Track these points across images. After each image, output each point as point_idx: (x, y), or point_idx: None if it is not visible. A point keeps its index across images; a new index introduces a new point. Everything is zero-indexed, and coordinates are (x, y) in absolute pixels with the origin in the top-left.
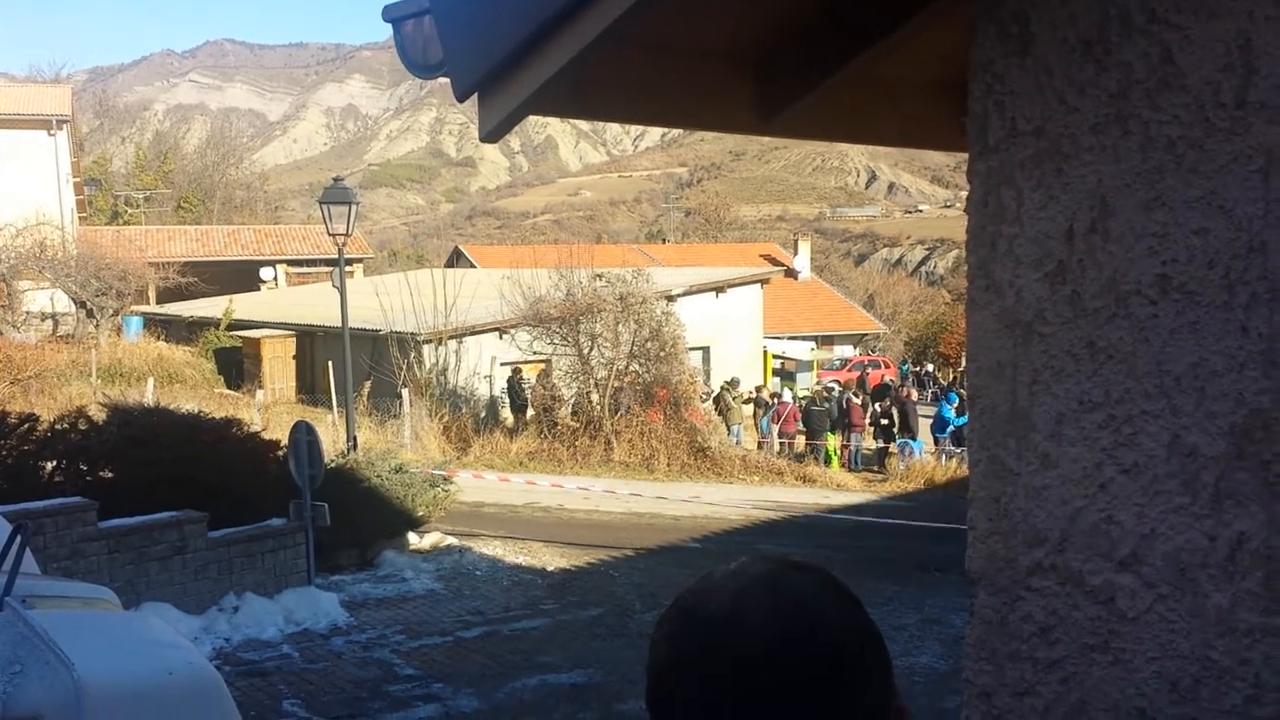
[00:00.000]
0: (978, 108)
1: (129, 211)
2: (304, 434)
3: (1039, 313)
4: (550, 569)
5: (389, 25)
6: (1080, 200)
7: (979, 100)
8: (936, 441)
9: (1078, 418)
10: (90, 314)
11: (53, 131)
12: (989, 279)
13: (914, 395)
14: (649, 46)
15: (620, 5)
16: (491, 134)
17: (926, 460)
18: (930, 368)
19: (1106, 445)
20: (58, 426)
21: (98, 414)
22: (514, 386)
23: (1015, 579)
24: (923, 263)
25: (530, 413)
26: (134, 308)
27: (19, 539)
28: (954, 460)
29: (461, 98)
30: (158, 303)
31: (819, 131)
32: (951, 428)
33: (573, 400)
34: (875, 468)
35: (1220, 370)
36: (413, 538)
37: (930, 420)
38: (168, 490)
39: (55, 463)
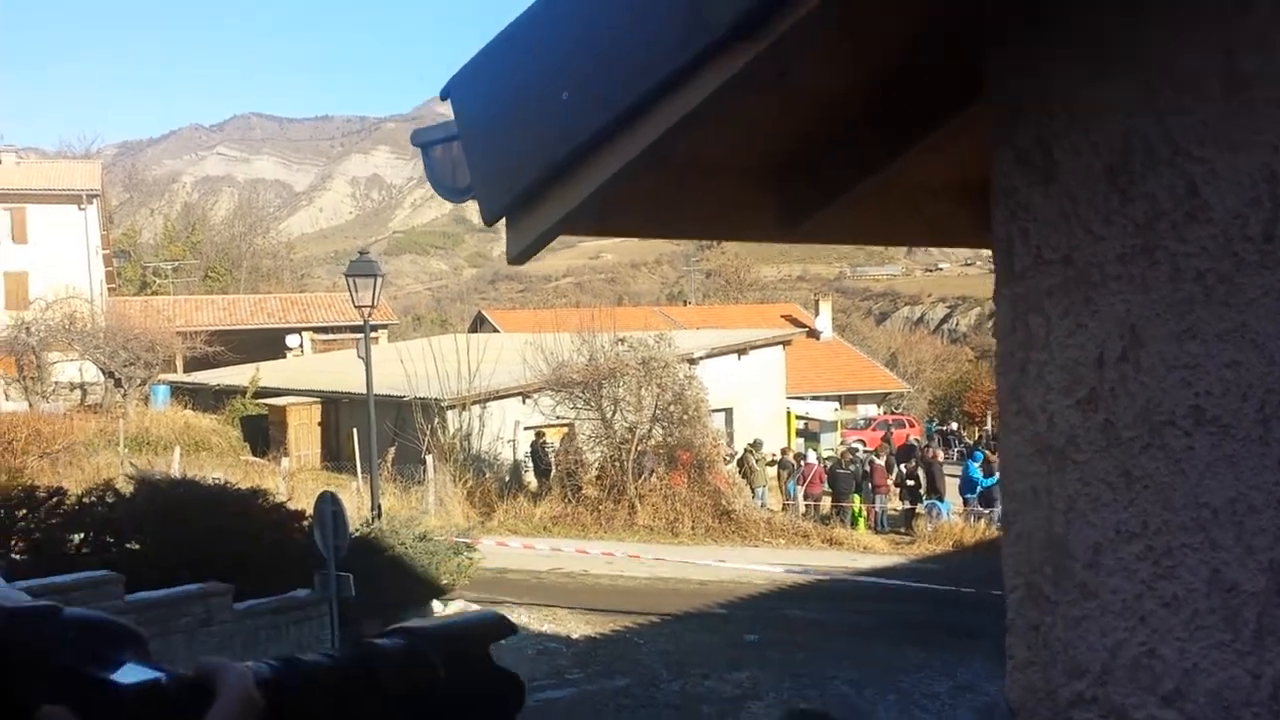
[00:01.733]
0: (1001, 233)
1: (157, 282)
2: (329, 505)
3: (1072, 439)
4: (575, 637)
5: (419, 149)
6: (1110, 329)
7: (1002, 225)
8: (965, 502)
9: (1115, 547)
10: (118, 384)
11: (83, 206)
12: (1020, 404)
13: (940, 455)
14: (671, 164)
15: (651, 134)
16: (519, 257)
17: (954, 522)
18: (955, 426)
19: (1146, 577)
20: (85, 499)
21: (125, 486)
22: (537, 451)
23: (1056, 711)
24: (944, 320)
25: (554, 476)
26: (161, 377)
27: None
28: (982, 521)
29: (489, 222)
30: (185, 371)
31: (843, 236)
32: (980, 488)
33: (596, 464)
34: (902, 529)
35: (1259, 506)
36: (437, 606)
37: (957, 480)
38: (194, 561)
39: (83, 535)
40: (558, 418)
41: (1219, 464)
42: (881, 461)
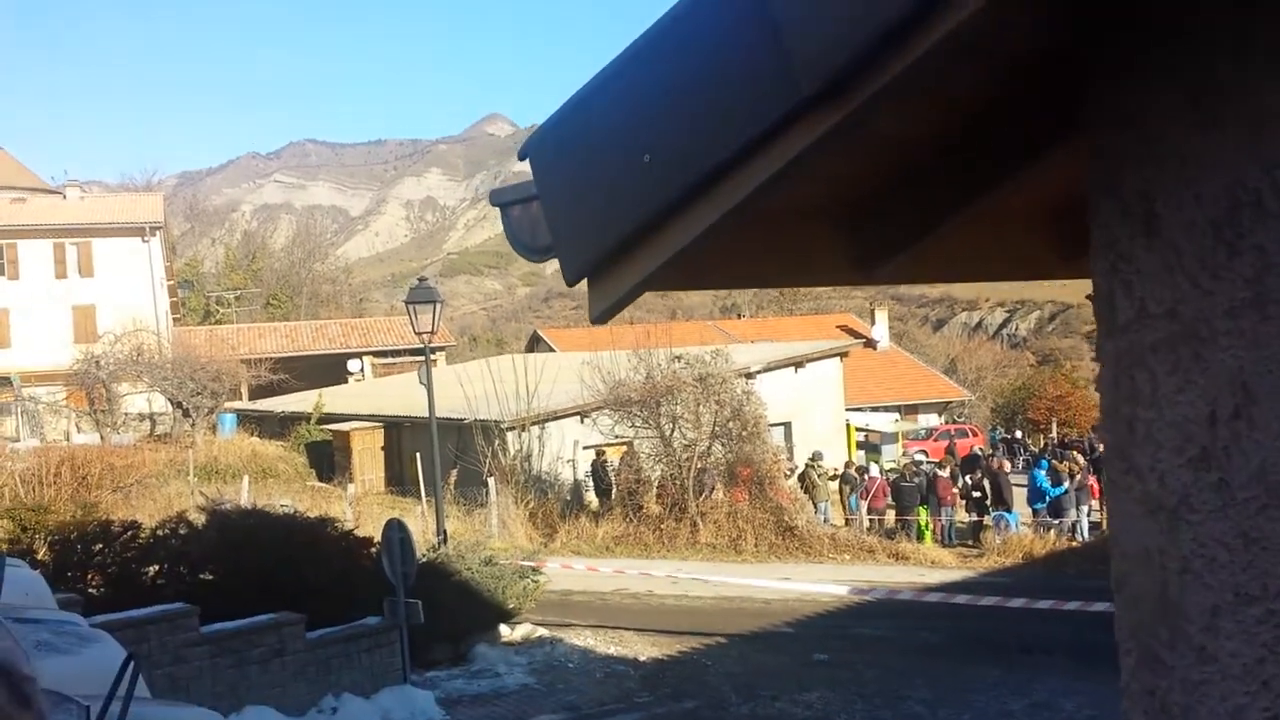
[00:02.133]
0: (1103, 285)
1: (220, 311)
2: (396, 532)
3: (1184, 500)
4: (642, 659)
5: (497, 209)
6: (1221, 386)
7: (1104, 278)
8: (1034, 513)
9: (1234, 611)
10: (186, 413)
11: (147, 238)
12: (1128, 463)
13: (1006, 465)
14: (750, 218)
15: (735, 196)
16: (601, 317)
17: (1023, 533)
18: (1020, 434)
19: (1268, 641)
20: (159, 532)
21: (196, 517)
22: (598, 470)
23: None
24: (1004, 325)
25: (615, 495)
26: (228, 405)
27: (131, 667)
28: (1052, 532)
29: (571, 283)
30: (250, 399)
31: (922, 276)
32: (1049, 498)
33: (656, 483)
34: (970, 542)
35: None
36: (504, 630)
37: (1024, 489)
38: (266, 591)
39: (157, 568)
40: (616, 437)
41: None
42: (946, 473)
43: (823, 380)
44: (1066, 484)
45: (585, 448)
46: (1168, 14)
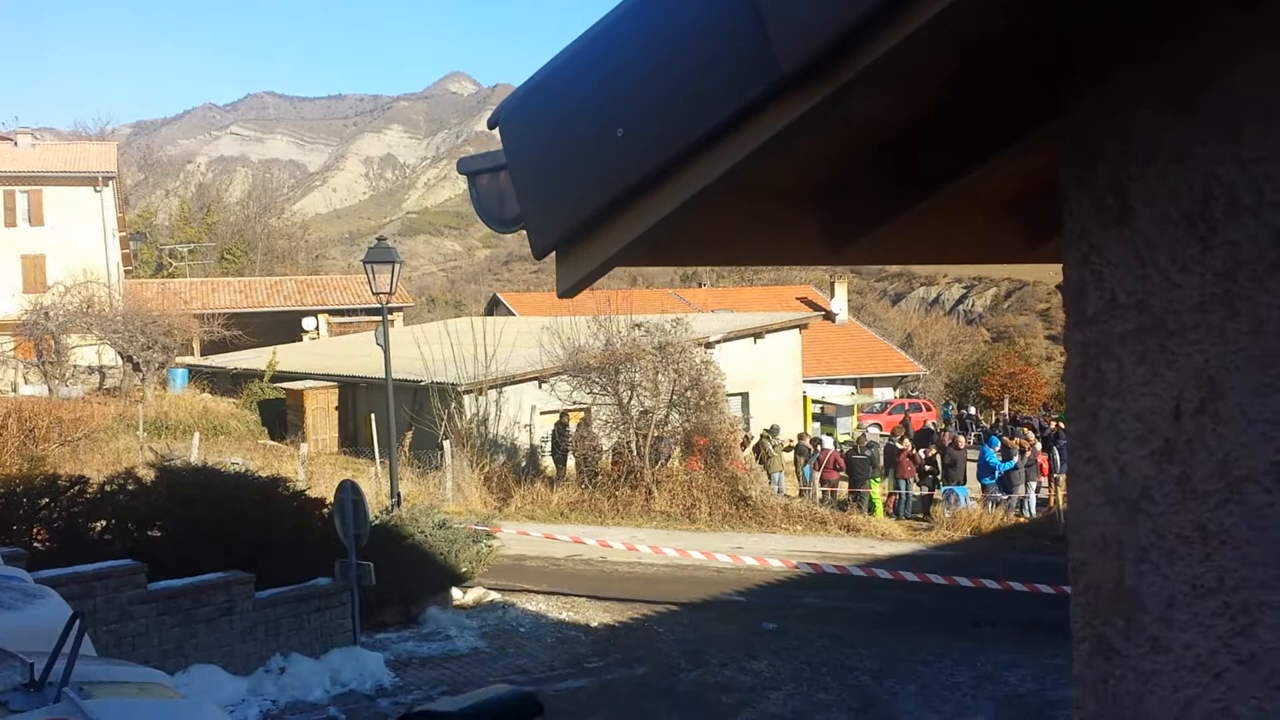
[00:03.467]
0: (1073, 276)
1: (173, 264)
2: (349, 493)
3: (1145, 491)
4: (594, 625)
5: (465, 176)
6: (1187, 379)
7: (1074, 269)
8: (983, 488)
9: (1190, 602)
10: (136, 367)
11: (99, 188)
12: (1091, 451)
13: (960, 441)
14: (722, 196)
15: (709, 174)
16: (569, 292)
17: (972, 507)
18: (973, 410)
19: (1222, 633)
20: (107, 488)
21: (145, 473)
22: (558, 435)
23: None
24: (960, 301)
25: (571, 462)
26: (179, 360)
27: (77, 625)
28: (1000, 507)
29: (539, 256)
30: (202, 355)
31: (890, 257)
32: (999, 473)
33: (613, 450)
34: (920, 515)
35: None
36: (456, 594)
37: (975, 464)
38: (215, 549)
39: (105, 523)
40: (574, 403)
41: None
42: (906, 446)
43: (781, 352)
44: (1016, 459)
45: (543, 413)
46: (1147, 7)
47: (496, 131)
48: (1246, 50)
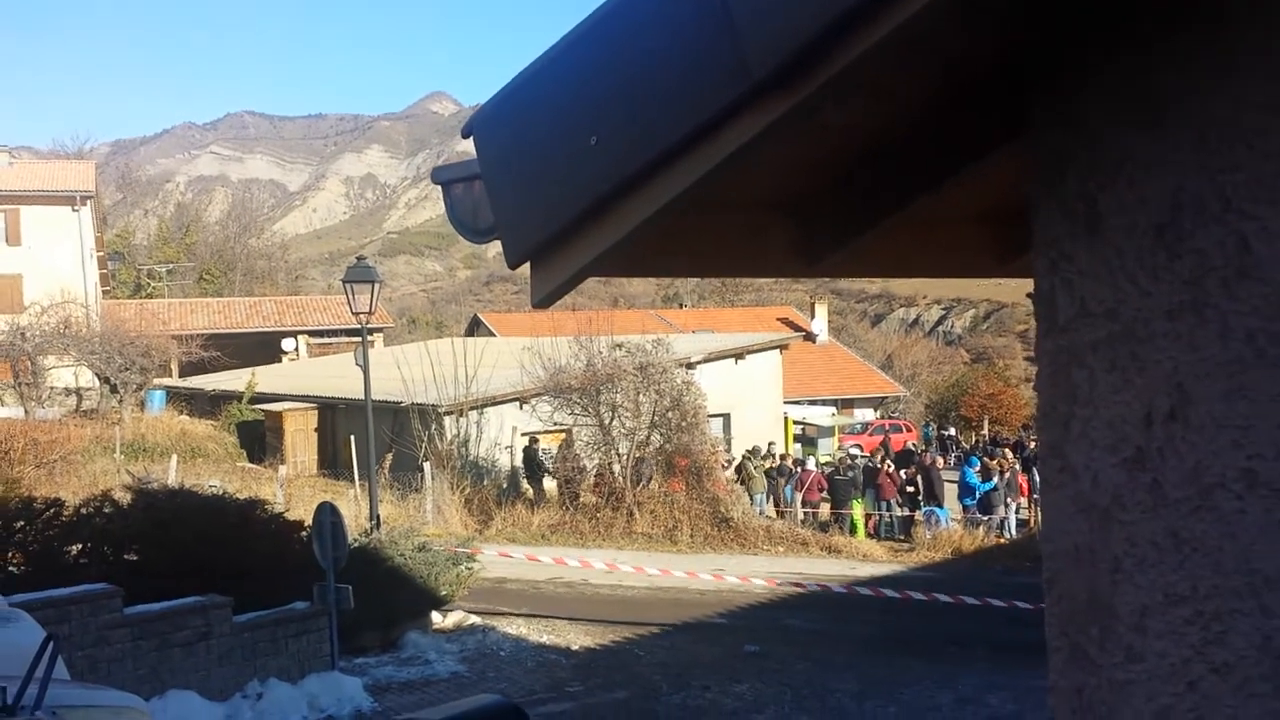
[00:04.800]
0: (1044, 284)
1: (151, 284)
2: (328, 515)
3: (1117, 499)
4: (575, 648)
5: (440, 186)
6: (1157, 386)
7: (1045, 276)
8: (964, 508)
9: (1163, 611)
10: (114, 389)
11: (77, 207)
12: (1063, 460)
13: (939, 462)
14: (697, 207)
15: (682, 181)
16: (544, 301)
17: (953, 528)
18: (953, 431)
19: (1195, 642)
20: (83, 510)
21: (122, 496)
22: (531, 456)
23: None
24: (940, 322)
25: (550, 484)
26: (157, 382)
27: (50, 648)
28: (981, 528)
29: (513, 265)
30: (180, 376)
31: (863, 270)
32: (979, 493)
33: (594, 471)
34: (901, 537)
35: None
36: (436, 617)
37: (955, 485)
38: (192, 573)
39: (81, 546)
40: (555, 424)
41: (1272, 529)
42: (889, 467)
43: (762, 372)
44: (996, 480)
45: (524, 434)
46: (1116, 19)
47: (471, 142)
48: (1213, 63)
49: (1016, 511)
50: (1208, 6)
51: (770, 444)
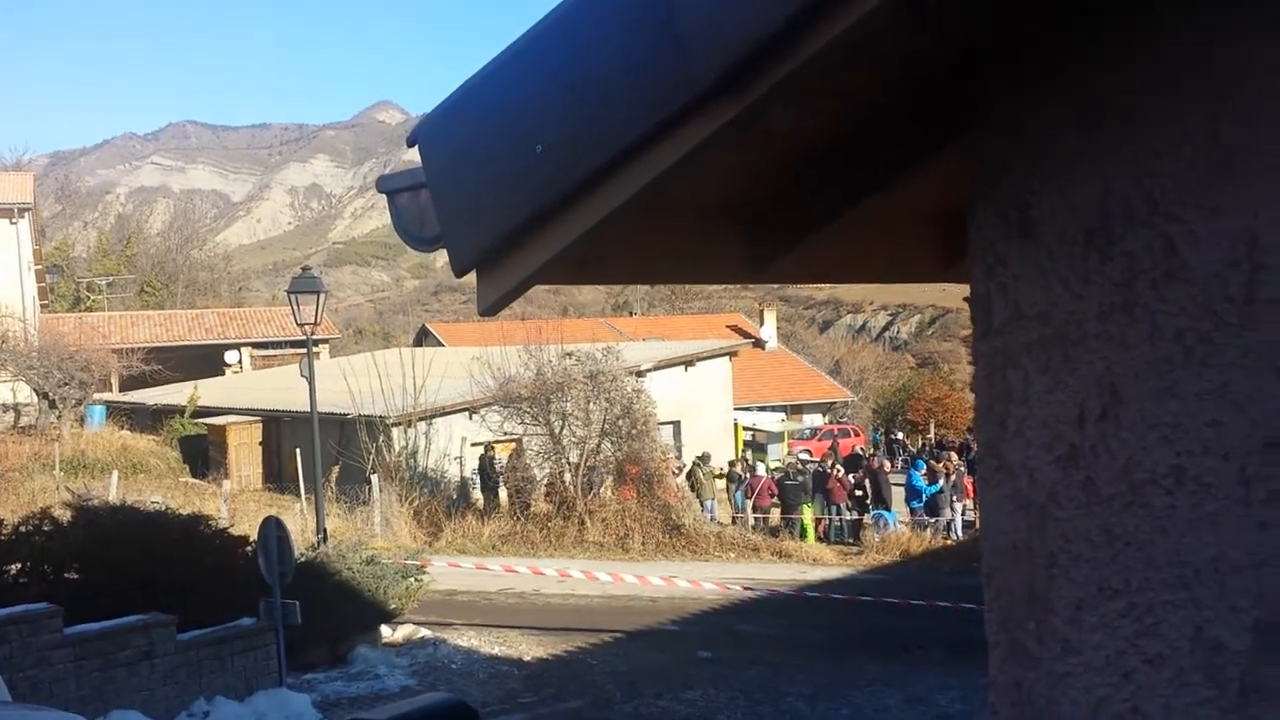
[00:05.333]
0: (980, 288)
1: (91, 297)
2: (274, 530)
3: (1052, 496)
4: (527, 659)
5: (385, 195)
6: (1089, 386)
7: (981, 281)
8: (911, 511)
9: (1098, 604)
10: (52, 405)
11: (14, 220)
12: (999, 459)
13: (886, 466)
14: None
15: (627, 189)
16: (490, 309)
17: (901, 531)
18: (900, 435)
19: (1129, 634)
20: (22, 528)
21: (62, 513)
22: (485, 466)
23: None
24: (886, 328)
25: (503, 494)
26: (97, 396)
27: None
28: (928, 530)
29: (459, 274)
30: (121, 390)
31: (811, 275)
32: (926, 496)
33: (545, 480)
34: (850, 540)
35: (1240, 565)
36: (386, 631)
37: (903, 489)
38: (135, 590)
39: (20, 565)
40: (505, 433)
41: (1201, 523)
42: (839, 471)
43: (712, 379)
44: (941, 483)
45: (474, 444)
46: (1050, 27)
47: (417, 151)
48: (1140, 70)
49: (963, 514)
50: (1138, 13)
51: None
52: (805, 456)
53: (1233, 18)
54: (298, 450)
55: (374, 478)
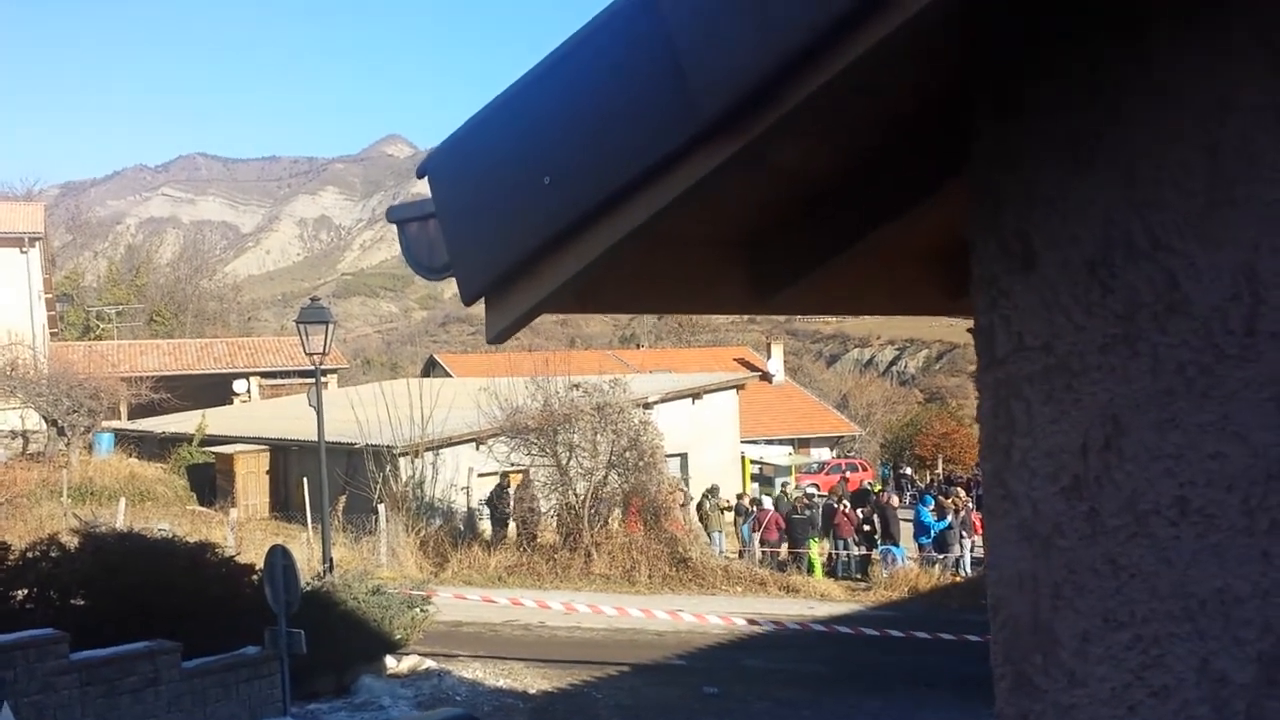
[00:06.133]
0: (983, 320)
1: (101, 326)
2: (280, 559)
3: (1057, 527)
4: (532, 691)
5: (395, 225)
6: (1092, 417)
7: (984, 313)
8: (920, 547)
9: (1104, 636)
10: (61, 432)
11: (25, 249)
12: (1005, 489)
13: (895, 501)
14: (649, 244)
15: (634, 220)
16: (498, 337)
17: (910, 567)
18: (908, 470)
19: (1134, 666)
20: (29, 554)
21: (70, 540)
22: (495, 497)
23: None
24: (894, 363)
25: (511, 525)
26: (105, 424)
27: None
28: (937, 566)
29: (468, 303)
30: (130, 418)
31: (815, 307)
32: (934, 532)
33: (552, 512)
34: (858, 576)
35: (1244, 597)
36: (390, 661)
37: (910, 524)
38: (141, 617)
39: (27, 591)
40: (512, 464)
41: (1205, 554)
42: (846, 506)
43: (719, 412)
44: (950, 518)
45: (480, 475)
46: (1048, 63)
47: (426, 184)
48: (1138, 103)
49: (971, 550)
50: (1132, 47)
51: (713, 487)
52: (812, 490)
53: (1228, 49)
54: (305, 479)
55: (381, 507)
